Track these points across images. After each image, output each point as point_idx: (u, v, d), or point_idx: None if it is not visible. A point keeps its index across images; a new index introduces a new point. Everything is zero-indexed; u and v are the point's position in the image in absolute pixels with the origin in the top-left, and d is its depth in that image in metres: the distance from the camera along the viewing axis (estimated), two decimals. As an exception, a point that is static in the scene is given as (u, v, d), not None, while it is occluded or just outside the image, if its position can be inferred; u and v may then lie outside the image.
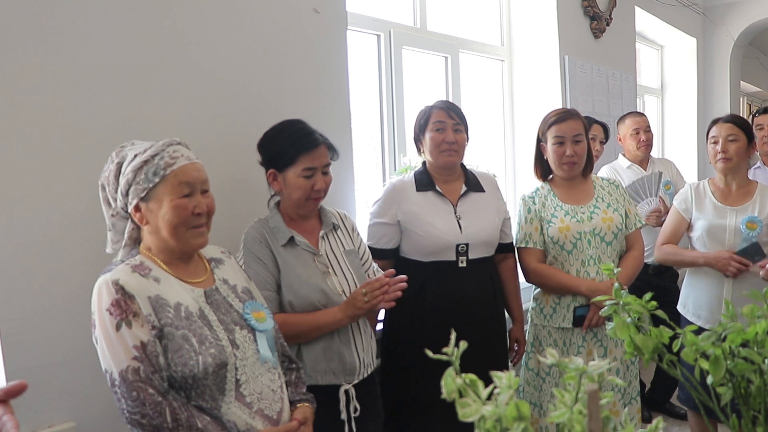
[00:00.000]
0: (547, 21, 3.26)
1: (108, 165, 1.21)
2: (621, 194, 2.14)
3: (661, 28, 4.75)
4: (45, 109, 1.40)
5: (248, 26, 1.79)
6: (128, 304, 1.11)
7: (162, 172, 1.17)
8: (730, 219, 2.19)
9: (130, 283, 1.13)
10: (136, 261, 1.19)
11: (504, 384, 0.60)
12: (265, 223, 1.61)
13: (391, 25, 2.57)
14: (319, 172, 1.57)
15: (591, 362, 0.66)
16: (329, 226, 1.67)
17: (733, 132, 2.21)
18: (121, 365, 1.09)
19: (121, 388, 1.09)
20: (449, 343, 0.63)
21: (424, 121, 1.93)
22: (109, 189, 1.20)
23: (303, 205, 1.60)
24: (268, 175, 1.59)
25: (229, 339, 1.20)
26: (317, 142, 1.57)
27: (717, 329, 0.81)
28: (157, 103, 1.59)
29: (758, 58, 7.42)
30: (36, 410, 1.38)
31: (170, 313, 1.15)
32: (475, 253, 1.91)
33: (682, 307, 2.37)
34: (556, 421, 0.63)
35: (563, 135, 2.02)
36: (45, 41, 1.39)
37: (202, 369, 1.14)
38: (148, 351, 1.10)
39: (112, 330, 1.10)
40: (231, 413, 1.17)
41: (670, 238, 2.32)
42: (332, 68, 2.04)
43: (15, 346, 1.35)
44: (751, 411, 0.84)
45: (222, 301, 1.26)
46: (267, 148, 1.59)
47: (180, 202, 1.18)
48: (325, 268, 1.60)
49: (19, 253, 1.36)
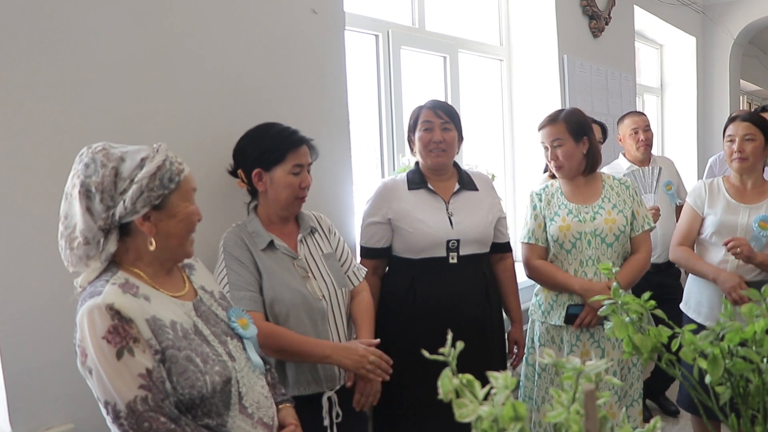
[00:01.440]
0: (546, 20, 3.25)
1: (96, 169, 1.07)
2: (630, 195, 2.10)
3: (661, 27, 4.75)
4: (35, 107, 1.39)
5: (245, 27, 1.79)
6: (127, 329, 1.03)
7: (177, 178, 1.11)
8: (742, 216, 2.16)
9: (126, 305, 1.04)
10: (120, 279, 1.09)
11: (500, 384, 0.60)
12: (244, 227, 1.60)
13: (390, 26, 2.57)
14: (305, 170, 1.59)
15: (588, 362, 0.66)
16: (307, 230, 1.67)
17: (751, 131, 2.17)
18: (127, 396, 1.01)
19: (129, 420, 1.01)
20: (445, 342, 0.62)
21: (414, 122, 1.94)
22: (103, 196, 1.06)
23: (290, 204, 1.59)
24: (254, 175, 1.57)
25: (226, 352, 1.17)
26: (302, 140, 1.58)
27: (715, 328, 0.80)
28: (153, 103, 1.58)
29: (758, 56, 7.41)
30: (34, 412, 1.38)
31: (169, 334, 1.08)
32: (467, 249, 1.90)
33: (684, 304, 2.35)
34: (553, 421, 0.63)
35: (544, 141, 2.07)
36: (40, 39, 1.38)
37: (210, 389, 1.10)
38: (154, 378, 1.04)
39: (112, 359, 1.01)
40: (236, 427, 1.15)
41: (686, 237, 2.28)
42: (330, 69, 2.03)
43: (13, 347, 1.34)
44: (750, 410, 0.83)
45: (209, 312, 1.22)
46: (251, 148, 1.58)
47: (193, 208, 1.16)
48: (304, 272, 1.60)
49: (16, 254, 1.35)
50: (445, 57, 2.88)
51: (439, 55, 2.87)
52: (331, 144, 2.02)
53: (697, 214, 2.27)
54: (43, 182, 1.39)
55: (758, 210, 2.15)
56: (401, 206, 1.89)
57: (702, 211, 2.26)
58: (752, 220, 2.13)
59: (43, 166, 1.40)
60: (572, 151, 2.04)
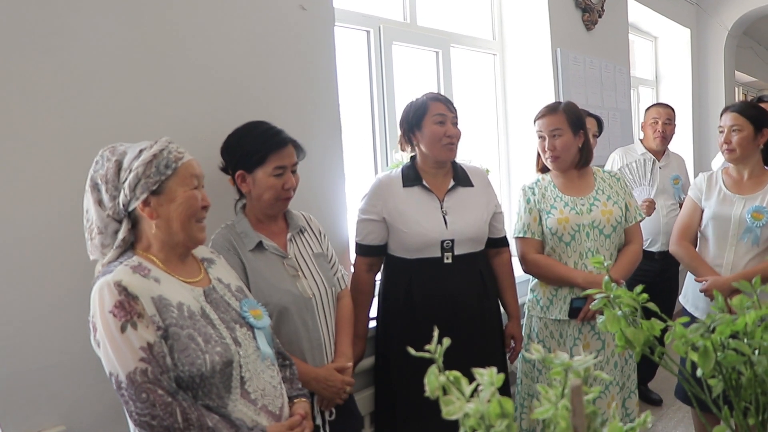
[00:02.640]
0: (539, 14, 3.24)
1: (103, 163, 1.18)
2: (621, 187, 2.12)
3: (655, 20, 4.73)
4: (33, 107, 1.38)
5: (234, 23, 1.77)
6: (132, 305, 1.09)
7: (173, 164, 1.18)
8: (736, 208, 2.14)
9: (132, 283, 1.11)
10: (134, 262, 1.17)
11: (486, 381, 0.59)
12: (232, 228, 1.59)
13: (381, 21, 2.56)
14: (288, 171, 1.57)
15: (576, 357, 0.65)
16: (296, 229, 1.67)
17: (738, 122, 2.17)
18: (128, 367, 1.07)
19: (128, 391, 1.07)
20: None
21: (421, 114, 1.88)
22: (108, 187, 1.17)
23: (273, 205, 1.58)
24: (237, 177, 1.57)
25: (231, 337, 1.21)
26: (285, 141, 1.56)
27: (706, 321, 0.79)
28: (143, 101, 1.57)
29: (753, 47, 7.41)
30: (26, 414, 1.37)
31: (174, 313, 1.14)
32: (462, 248, 1.88)
33: (683, 296, 2.35)
34: (541, 417, 0.62)
35: (542, 130, 2.05)
36: (37, 38, 1.37)
37: (209, 368, 1.14)
38: (155, 352, 1.09)
39: (116, 332, 1.08)
40: (237, 410, 1.17)
41: (686, 230, 2.27)
42: (320, 65, 2.02)
43: (4, 349, 1.33)
44: (743, 402, 0.83)
45: (220, 299, 1.26)
46: (234, 149, 1.57)
47: (192, 193, 1.21)
48: (294, 271, 1.60)
49: (9, 256, 1.34)
50: (437, 52, 2.87)
51: (432, 50, 2.85)
52: (323, 141, 2.01)
53: (697, 205, 2.26)
54: (33, 184, 1.38)
55: (753, 201, 2.13)
56: (396, 205, 1.88)
57: (701, 203, 2.25)
58: (745, 211, 2.11)
59: (36, 169, 1.39)
60: (570, 143, 2.03)
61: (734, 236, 2.13)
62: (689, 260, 2.23)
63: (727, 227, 2.14)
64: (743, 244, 2.11)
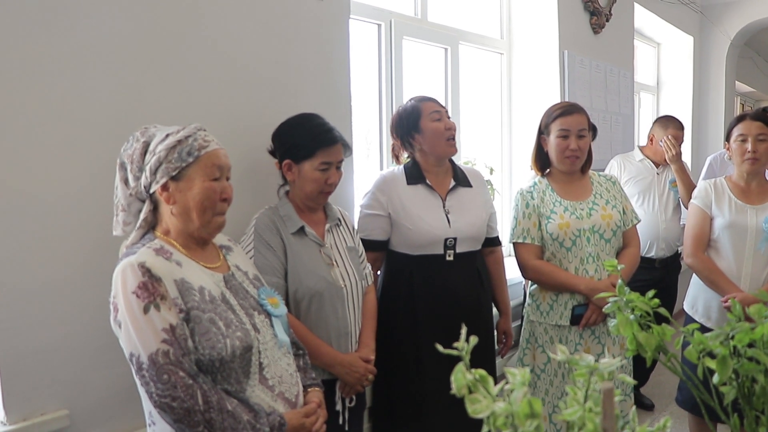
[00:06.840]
0: (548, 15, 3.24)
1: (132, 143, 1.19)
2: (618, 191, 2.12)
3: (659, 26, 4.75)
4: (46, 94, 1.36)
5: (250, 13, 1.76)
6: (155, 286, 1.09)
7: (196, 152, 1.18)
8: (751, 218, 2.12)
9: (156, 265, 1.11)
10: (156, 245, 1.17)
11: (518, 381, 0.60)
12: (276, 210, 1.64)
13: (392, 15, 2.55)
14: (333, 167, 1.61)
15: (602, 360, 0.66)
16: (334, 221, 1.71)
17: (763, 131, 2.13)
18: (150, 348, 1.07)
19: (150, 372, 1.06)
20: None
21: (416, 116, 1.88)
22: (132, 167, 1.18)
23: (315, 197, 1.63)
24: (284, 165, 1.61)
25: (251, 323, 1.21)
26: (335, 140, 1.60)
27: (725, 329, 0.80)
28: (156, 89, 1.56)
29: (753, 58, 7.45)
30: (28, 398, 1.36)
31: (196, 296, 1.14)
32: (463, 247, 1.90)
33: (689, 307, 2.29)
34: (568, 418, 0.62)
35: (569, 128, 1.99)
36: (49, 23, 1.36)
37: (230, 352, 1.14)
38: (177, 334, 1.09)
39: (139, 313, 1.08)
40: (255, 396, 1.18)
41: (699, 240, 2.18)
42: (334, 56, 2.02)
43: (6, 332, 1.33)
44: (754, 411, 0.84)
45: (239, 286, 1.27)
46: (285, 138, 1.61)
47: (211, 184, 1.20)
48: (329, 260, 1.64)
49: (10, 239, 1.33)
50: (446, 49, 2.86)
51: (441, 46, 2.85)
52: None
53: (706, 214, 2.20)
54: (38, 166, 1.37)
55: (764, 210, 2.12)
56: (400, 201, 1.89)
57: (710, 211, 2.20)
58: (761, 221, 2.10)
59: (42, 152, 1.37)
60: (587, 145, 2.03)
61: (751, 247, 2.10)
62: (708, 274, 2.14)
63: (744, 237, 2.10)
64: (761, 255, 2.09)
